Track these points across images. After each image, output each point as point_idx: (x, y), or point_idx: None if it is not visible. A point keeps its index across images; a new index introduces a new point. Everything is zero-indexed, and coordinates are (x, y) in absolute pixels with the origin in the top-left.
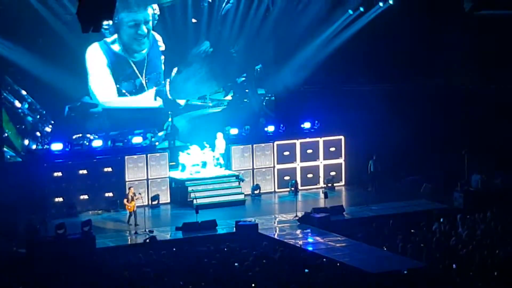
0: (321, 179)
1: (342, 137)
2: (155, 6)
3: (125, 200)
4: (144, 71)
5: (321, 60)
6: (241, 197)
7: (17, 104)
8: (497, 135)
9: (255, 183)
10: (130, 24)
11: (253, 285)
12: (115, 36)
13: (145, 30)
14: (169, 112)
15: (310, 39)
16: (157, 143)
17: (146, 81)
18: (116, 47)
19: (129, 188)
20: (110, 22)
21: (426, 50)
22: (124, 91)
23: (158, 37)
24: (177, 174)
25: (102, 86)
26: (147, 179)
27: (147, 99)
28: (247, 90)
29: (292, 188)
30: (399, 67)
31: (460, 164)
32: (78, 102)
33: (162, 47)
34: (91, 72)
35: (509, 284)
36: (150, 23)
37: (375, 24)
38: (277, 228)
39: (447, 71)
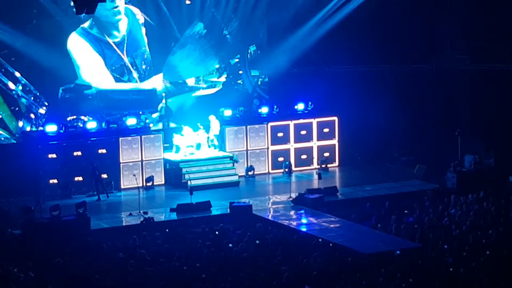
0: (315, 160)
1: (335, 118)
2: None
3: None
4: (125, 50)
5: (314, 42)
6: (235, 178)
7: (11, 85)
8: (489, 115)
9: (249, 164)
10: None
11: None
12: (90, 20)
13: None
14: (163, 94)
15: (303, 20)
16: (151, 125)
17: (133, 60)
18: (94, 31)
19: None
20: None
21: (419, 32)
22: (118, 76)
23: (136, 10)
24: (171, 156)
25: (96, 75)
26: (142, 161)
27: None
28: (240, 72)
29: (286, 169)
30: (391, 48)
31: (453, 144)
32: (72, 83)
33: (141, 20)
34: (80, 63)
35: (502, 264)
36: None
37: (367, 6)
38: (271, 209)
39: (440, 52)
